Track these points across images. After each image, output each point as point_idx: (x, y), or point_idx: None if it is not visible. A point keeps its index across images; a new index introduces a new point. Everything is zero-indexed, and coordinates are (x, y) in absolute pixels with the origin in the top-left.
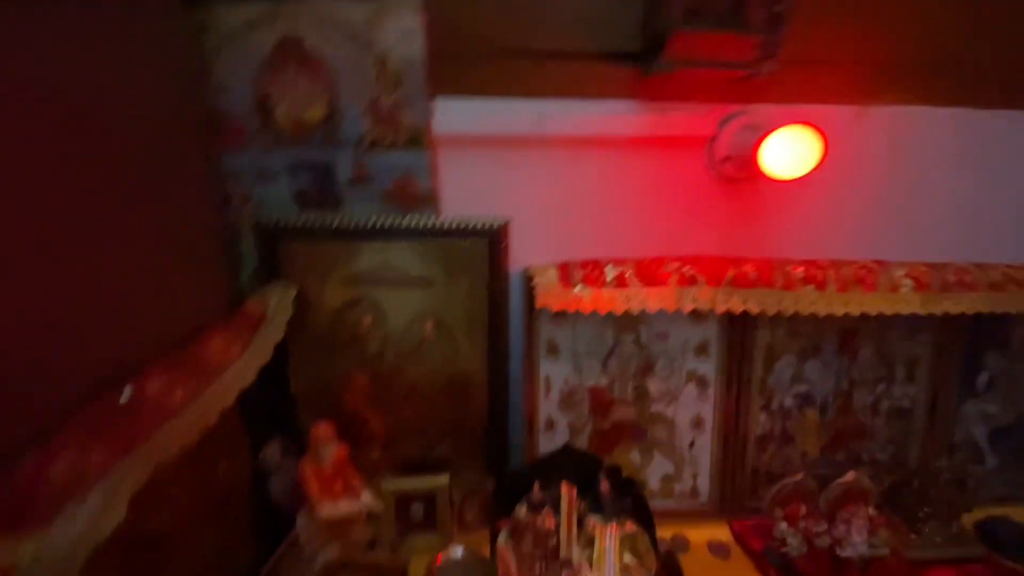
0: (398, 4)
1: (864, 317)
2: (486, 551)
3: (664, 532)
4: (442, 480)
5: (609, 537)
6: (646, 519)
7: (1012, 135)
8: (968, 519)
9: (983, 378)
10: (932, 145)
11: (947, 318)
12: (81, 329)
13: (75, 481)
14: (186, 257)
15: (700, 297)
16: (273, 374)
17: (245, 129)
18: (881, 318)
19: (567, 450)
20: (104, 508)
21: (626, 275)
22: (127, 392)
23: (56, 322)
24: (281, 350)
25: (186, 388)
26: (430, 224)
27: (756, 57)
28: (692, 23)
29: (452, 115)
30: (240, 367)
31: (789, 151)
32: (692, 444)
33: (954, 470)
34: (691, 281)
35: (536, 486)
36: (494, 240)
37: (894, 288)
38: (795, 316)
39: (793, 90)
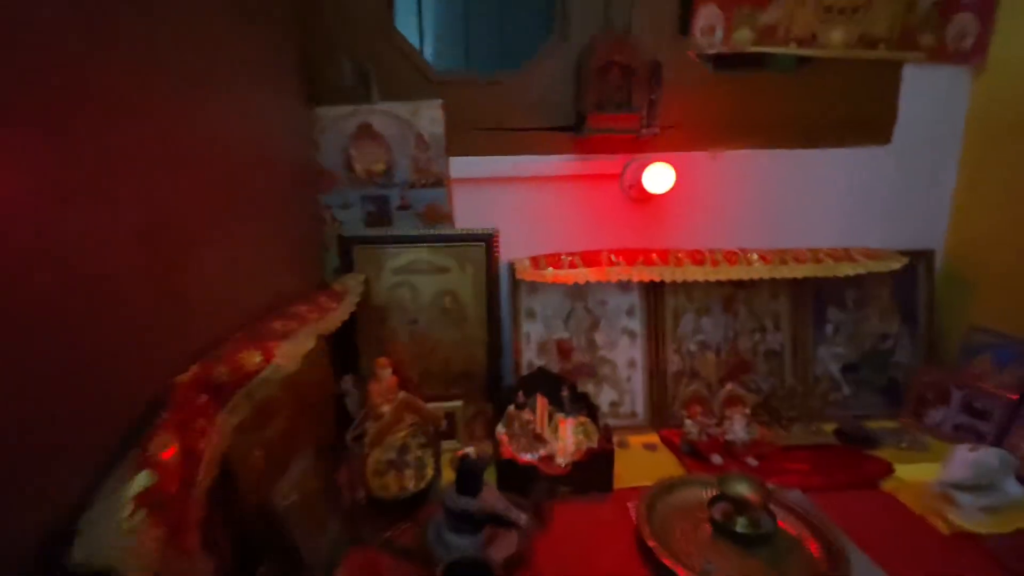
0: (429, 104)
1: (736, 284)
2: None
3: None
4: (458, 404)
5: (568, 425)
6: (592, 415)
7: (811, 164)
8: (830, 427)
9: (829, 328)
10: (760, 172)
11: (796, 283)
12: (239, 296)
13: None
14: (300, 255)
15: (622, 273)
16: (348, 332)
17: (337, 177)
18: (748, 284)
19: (541, 371)
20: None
21: (575, 261)
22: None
23: (227, 294)
24: (353, 317)
25: (307, 320)
26: (448, 233)
27: (642, 125)
28: (600, 108)
29: (461, 167)
30: (334, 316)
31: (657, 178)
32: (629, 379)
33: (816, 395)
34: (615, 263)
35: (520, 393)
36: (489, 242)
37: (749, 263)
38: (689, 285)
39: (667, 144)
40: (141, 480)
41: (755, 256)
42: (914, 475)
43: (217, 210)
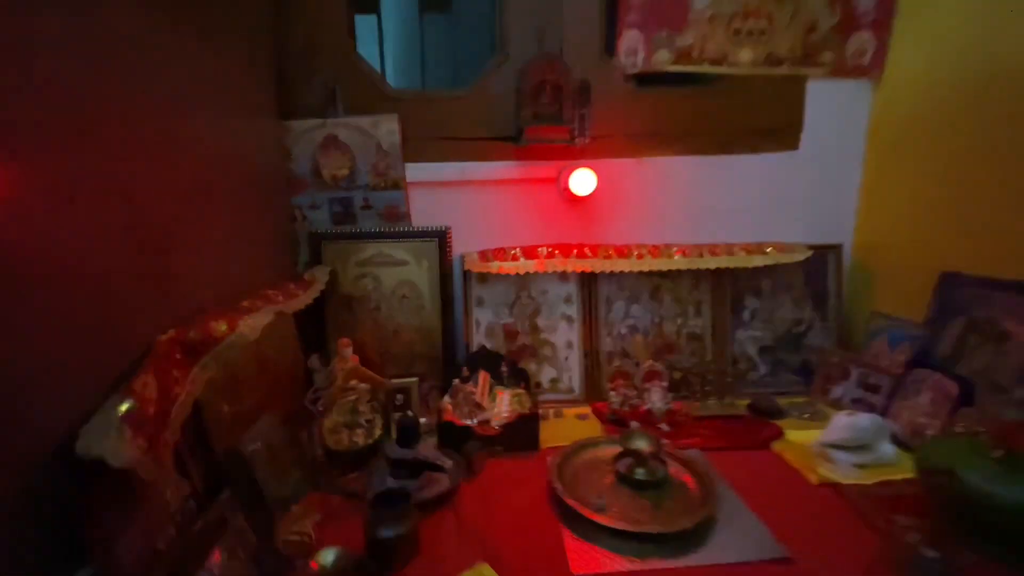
0: (387, 117)
1: (662, 274)
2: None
3: (548, 410)
4: (414, 381)
5: (505, 395)
6: (528, 387)
7: (727, 168)
8: (744, 402)
9: (746, 314)
10: (681, 176)
11: (715, 274)
12: (215, 281)
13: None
14: (274, 249)
15: (558, 265)
16: (318, 318)
17: (306, 181)
18: (673, 275)
19: (483, 350)
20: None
21: (517, 254)
22: None
23: (204, 279)
24: (322, 304)
25: (273, 301)
26: (406, 230)
27: (573, 136)
28: (535, 121)
29: (417, 171)
30: (299, 299)
31: (581, 181)
32: (567, 358)
33: (733, 373)
34: (553, 256)
35: (464, 368)
36: (442, 238)
37: (670, 256)
38: (620, 275)
39: (598, 151)
40: (126, 404)
41: (675, 250)
42: (804, 439)
43: (196, 209)
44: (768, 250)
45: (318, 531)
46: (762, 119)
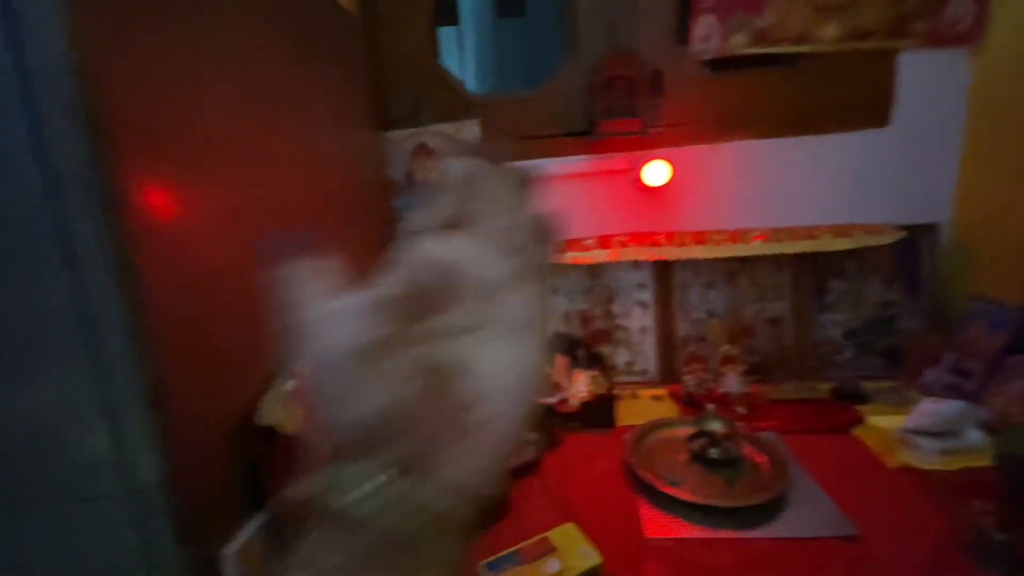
0: (469, 123)
1: (740, 260)
2: None
3: (624, 391)
4: None
5: (581, 376)
6: (604, 369)
7: (809, 149)
8: (827, 386)
9: (830, 297)
10: (758, 159)
11: (799, 257)
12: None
13: None
14: (382, 249)
15: (631, 254)
16: None
17: (401, 185)
18: (752, 260)
19: (558, 335)
20: None
21: (591, 244)
22: None
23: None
24: None
25: None
26: None
27: (645, 127)
28: (608, 115)
29: None
30: None
31: (654, 173)
32: (642, 342)
33: (815, 356)
34: (625, 246)
35: None
36: None
37: (748, 242)
38: (696, 262)
39: (672, 140)
40: (290, 384)
41: (754, 235)
42: (886, 424)
43: (326, 217)
44: (854, 232)
45: None
46: (848, 96)
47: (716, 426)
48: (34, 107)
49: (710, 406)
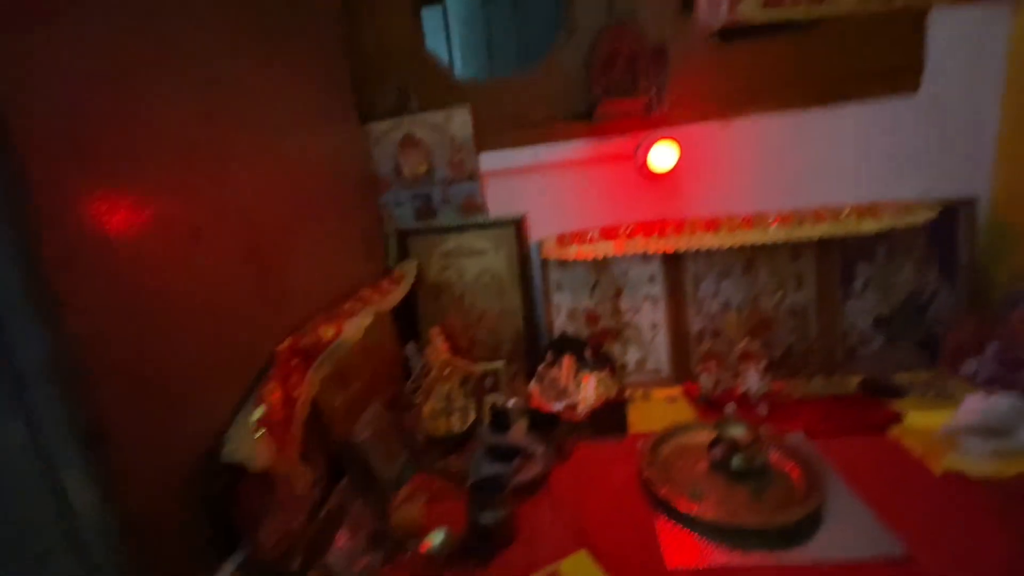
0: (459, 110)
1: (757, 247)
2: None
3: (635, 392)
4: (501, 364)
5: (591, 379)
6: (613, 370)
7: (829, 123)
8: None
9: (858, 283)
10: (775, 135)
11: (820, 242)
12: (322, 286)
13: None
14: (366, 248)
15: (639, 246)
16: (410, 308)
17: (388, 181)
18: (768, 247)
19: (564, 336)
20: (353, 333)
21: (595, 236)
22: None
23: (312, 286)
24: (413, 295)
25: (370, 302)
26: (483, 221)
27: (650, 106)
28: (608, 95)
29: (490, 160)
30: (392, 296)
31: (662, 156)
32: (653, 339)
33: (844, 348)
34: (632, 237)
35: (549, 354)
36: (519, 225)
37: (765, 226)
38: (708, 253)
39: (679, 118)
40: (259, 411)
41: (772, 219)
42: (927, 422)
43: (302, 222)
44: (883, 212)
45: (426, 511)
46: (873, 61)
47: (737, 431)
48: None
49: (729, 407)
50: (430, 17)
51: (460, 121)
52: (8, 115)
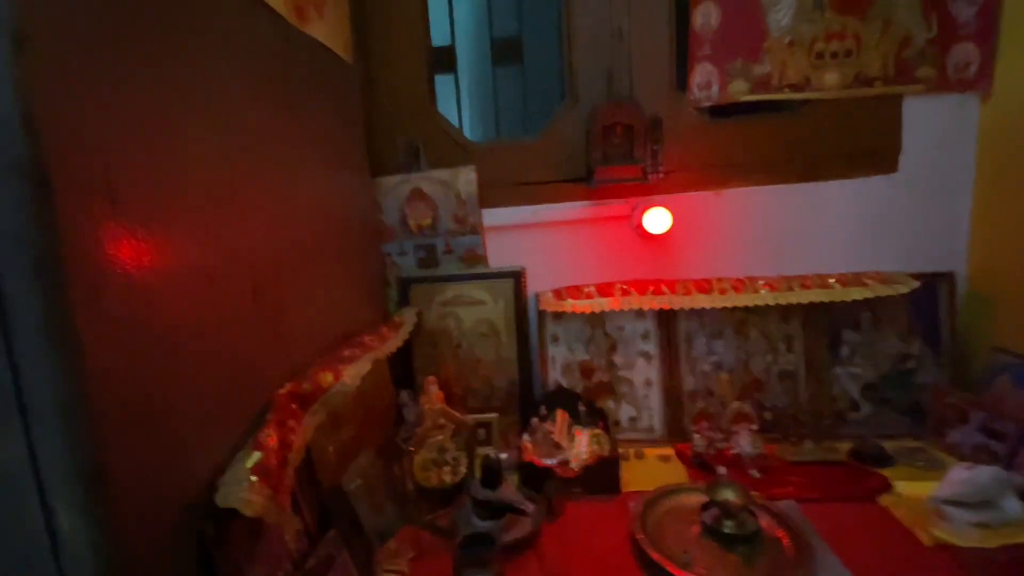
0: (465, 169)
1: (747, 309)
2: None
3: (628, 450)
4: (494, 416)
5: (583, 435)
6: (606, 427)
7: (815, 196)
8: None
9: (845, 349)
10: (763, 207)
11: (810, 307)
12: (323, 330)
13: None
14: (368, 294)
15: (633, 303)
16: (406, 355)
17: (394, 231)
18: (759, 309)
19: (560, 389)
20: (351, 380)
21: (591, 292)
22: None
23: (314, 329)
24: (410, 342)
25: (369, 347)
26: (484, 272)
27: (645, 173)
28: (606, 161)
29: (493, 216)
30: (391, 343)
31: (655, 220)
32: (647, 396)
33: (831, 413)
34: (627, 293)
35: (543, 407)
36: (517, 278)
37: (755, 290)
38: (701, 311)
39: (672, 186)
40: (255, 456)
41: (761, 283)
42: (916, 492)
43: (307, 267)
44: (868, 281)
45: (412, 567)
46: (854, 142)
47: (729, 495)
48: None
49: (721, 470)
50: (443, 83)
51: (466, 179)
52: (45, 152)
